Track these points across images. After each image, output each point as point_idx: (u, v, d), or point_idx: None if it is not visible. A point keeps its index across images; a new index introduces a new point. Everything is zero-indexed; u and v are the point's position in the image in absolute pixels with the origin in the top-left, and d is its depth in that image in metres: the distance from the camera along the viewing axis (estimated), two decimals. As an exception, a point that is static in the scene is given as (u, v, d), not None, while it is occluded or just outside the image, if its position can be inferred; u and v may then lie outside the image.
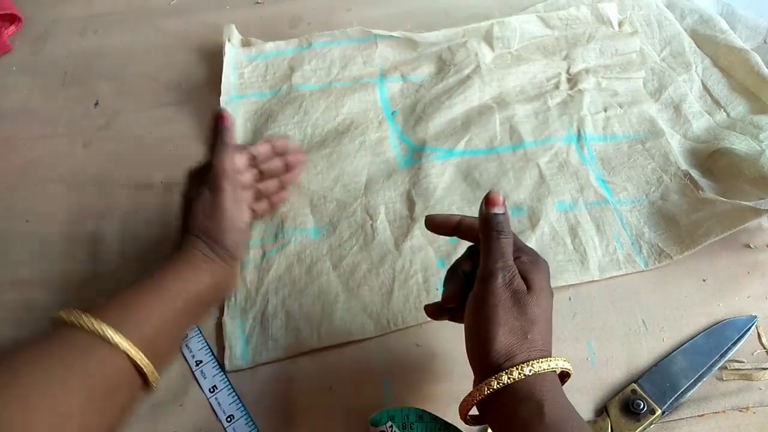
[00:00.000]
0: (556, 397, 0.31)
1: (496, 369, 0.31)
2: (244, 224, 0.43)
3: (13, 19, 0.68)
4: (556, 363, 0.32)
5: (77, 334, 0.32)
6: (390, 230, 0.50)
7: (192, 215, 0.41)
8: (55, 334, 0.33)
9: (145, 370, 0.34)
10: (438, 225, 0.39)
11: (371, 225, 0.51)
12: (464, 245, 0.39)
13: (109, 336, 0.32)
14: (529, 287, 0.34)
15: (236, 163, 0.44)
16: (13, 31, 0.68)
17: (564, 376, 0.35)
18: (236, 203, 0.42)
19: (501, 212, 0.35)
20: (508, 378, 0.31)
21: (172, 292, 0.37)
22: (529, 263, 0.35)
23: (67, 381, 0.30)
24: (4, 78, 0.65)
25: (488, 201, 0.35)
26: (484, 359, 0.32)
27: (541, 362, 0.31)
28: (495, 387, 0.31)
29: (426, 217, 0.40)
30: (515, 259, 0.35)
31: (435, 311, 0.40)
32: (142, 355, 0.33)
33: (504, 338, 0.32)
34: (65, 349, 0.32)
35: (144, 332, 0.34)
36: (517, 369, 0.31)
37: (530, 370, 0.31)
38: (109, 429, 0.32)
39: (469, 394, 0.33)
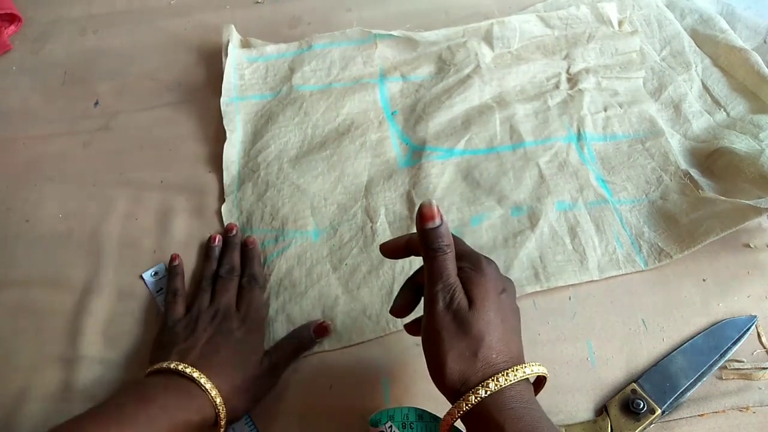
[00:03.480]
0: (520, 415, 0.30)
1: (456, 394, 0.31)
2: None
3: (13, 18, 0.68)
4: (514, 375, 0.30)
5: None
6: (390, 231, 0.50)
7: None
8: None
9: (221, 415, 0.38)
10: (389, 251, 0.39)
11: (371, 227, 0.51)
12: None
13: (203, 384, 0.37)
14: (470, 301, 0.32)
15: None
16: (13, 31, 0.68)
17: (541, 379, 0.34)
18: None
19: (436, 225, 0.33)
20: (467, 405, 0.30)
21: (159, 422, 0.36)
22: (470, 271, 0.34)
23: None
24: (4, 78, 0.65)
25: (421, 216, 0.33)
26: (443, 387, 0.32)
27: (498, 379, 0.30)
28: (457, 415, 0.31)
29: (380, 246, 0.39)
30: (458, 269, 0.34)
31: (413, 328, 0.39)
32: (222, 405, 0.38)
33: (454, 364, 0.31)
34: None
35: None
36: (472, 393, 0.30)
37: (485, 392, 0.30)
38: None
39: (440, 423, 0.32)
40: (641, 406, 0.40)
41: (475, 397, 0.30)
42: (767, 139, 0.51)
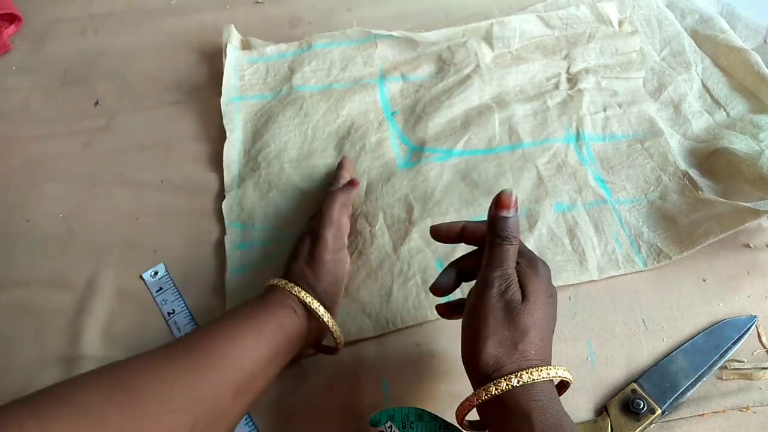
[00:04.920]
0: (547, 408, 0.30)
1: (486, 379, 0.31)
2: (341, 277, 0.44)
3: (13, 18, 0.68)
4: (547, 372, 0.31)
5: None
6: (388, 234, 0.50)
7: (294, 257, 0.43)
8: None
9: (332, 329, 0.41)
10: (442, 234, 0.39)
11: (370, 231, 0.50)
12: (462, 246, 0.39)
13: (306, 299, 0.40)
14: (524, 295, 0.33)
15: (345, 215, 0.46)
16: (13, 31, 0.68)
17: (564, 384, 0.34)
18: (335, 254, 0.44)
19: (510, 215, 0.34)
20: (496, 389, 0.31)
21: (266, 333, 0.37)
22: (527, 268, 0.34)
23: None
24: (4, 78, 0.65)
25: (498, 203, 0.34)
26: (475, 369, 0.32)
27: (531, 372, 0.31)
28: (483, 398, 0.31)
29: (430, 228, 0.39)
30: (516, 264, 0.34)
31: (445, 311, 0.40)
32: (330, 317, 0.41)
33: (492, 350, 0.32)
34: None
35: (243, 369, 0.35)
36: (504, 380, 0.31)
37: (518, 381, 0.30)
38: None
39: (461, 404, 0.33)
40: (641, 406, 0.40)
41: (507, 384, 0.30)
42: (767, 139, 0.51)
